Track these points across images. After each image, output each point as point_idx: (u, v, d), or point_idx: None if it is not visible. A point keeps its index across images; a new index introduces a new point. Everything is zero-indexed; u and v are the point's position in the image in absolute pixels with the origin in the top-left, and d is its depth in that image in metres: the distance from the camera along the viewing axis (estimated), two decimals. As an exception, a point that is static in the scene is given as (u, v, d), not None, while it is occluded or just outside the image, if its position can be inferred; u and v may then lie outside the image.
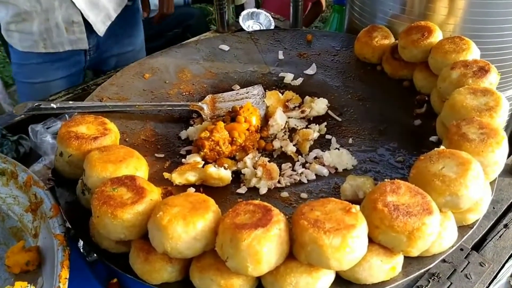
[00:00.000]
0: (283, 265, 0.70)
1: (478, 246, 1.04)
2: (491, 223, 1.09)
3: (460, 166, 0.75)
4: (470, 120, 0.85)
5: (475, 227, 0.82)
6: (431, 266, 0.76)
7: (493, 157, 0.80)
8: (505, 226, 1.08)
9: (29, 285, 0.72)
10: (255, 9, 1.83)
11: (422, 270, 0.76)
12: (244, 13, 1.80)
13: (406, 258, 0.75)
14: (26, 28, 1.51)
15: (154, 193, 0.77)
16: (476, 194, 0.75)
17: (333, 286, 0.73)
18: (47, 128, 1.35)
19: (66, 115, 1.35)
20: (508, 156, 1.22)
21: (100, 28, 1.62)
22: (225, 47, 1.41)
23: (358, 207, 0.71)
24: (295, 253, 0.70)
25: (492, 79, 0.97)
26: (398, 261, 0.73)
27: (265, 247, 0.66)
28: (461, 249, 1.01)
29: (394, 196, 0.72)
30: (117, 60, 1.82)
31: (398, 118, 1.11)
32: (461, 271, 0.96)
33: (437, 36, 1.11)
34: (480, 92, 0.91)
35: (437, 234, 0.72)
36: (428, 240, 0.70)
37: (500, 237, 1.06)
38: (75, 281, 0.83)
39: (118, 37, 1.77)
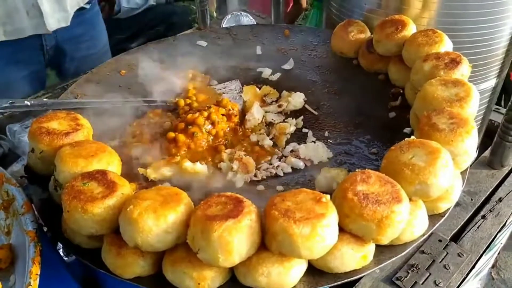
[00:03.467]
0: (255, 255, 0.70)
1: (456, 237, 1.05)
2: (469, 214, 1.10)
3: (429, 155, 0.76)
4: (441, 111, 0.86)
5: (446, 215, 0.83)
6: (402, 254, 0.77)
7: (463, 146, 0.81)
8: (483, 217, 1.10)
9: (-4, 281, 0.71)
10: (239, 12, 1.83)
11: (394, 258, 0.77)
12: (228, 16, 1.80)
13: (378, 246, 0.76)
14: None
15: (125, 187, 0.76)
16: (445, 182, 0.76)
17: (306, 275, 0.73)
18: (25, 128, 1.33)
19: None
20: (486, 148, 1.25)
21: (52, 24, 1.54)
22: (203, 43, 1.41)
23: (328, 196, 0.71)
24: (267, 244, 0.70)
25: (463, 71, 0.98)
26: (369, 249, 0.74)
27: (236, 237, 0.66)
28: (440, 240, 1.02)
29: (364, 185, 0.73)
30: (79, 64, 1.78)
31: (373, 111, 1.12)
32: (440, 262, 0.97)
33: (410, 29, 1.12)
34: (451, 83, 0.92)
35: (407, 222, 0.73)
36: (397, 228, 0.70)
37: (478, 228, 1.07)
38: (50, 279, 0.82)
39: (78, 38, 1.75)
